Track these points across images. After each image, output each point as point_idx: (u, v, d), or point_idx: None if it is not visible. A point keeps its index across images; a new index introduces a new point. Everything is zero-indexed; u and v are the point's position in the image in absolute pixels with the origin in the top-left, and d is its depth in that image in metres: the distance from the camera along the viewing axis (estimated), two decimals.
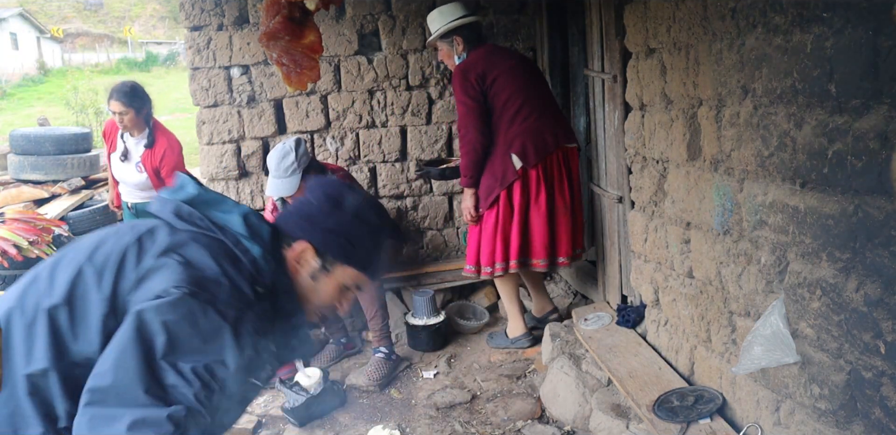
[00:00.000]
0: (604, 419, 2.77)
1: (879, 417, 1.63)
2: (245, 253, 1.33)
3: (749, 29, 2.02)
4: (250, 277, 1.31)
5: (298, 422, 3.17)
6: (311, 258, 1.40)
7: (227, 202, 1.43)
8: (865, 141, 1.57)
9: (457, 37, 3.49)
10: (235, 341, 1.22)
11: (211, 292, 1.23)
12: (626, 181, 3.20)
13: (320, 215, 1.42)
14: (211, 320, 1.21)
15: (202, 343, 1.19)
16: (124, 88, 3.95)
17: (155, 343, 1.16)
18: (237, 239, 1.34)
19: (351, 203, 1.42)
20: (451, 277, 4.27)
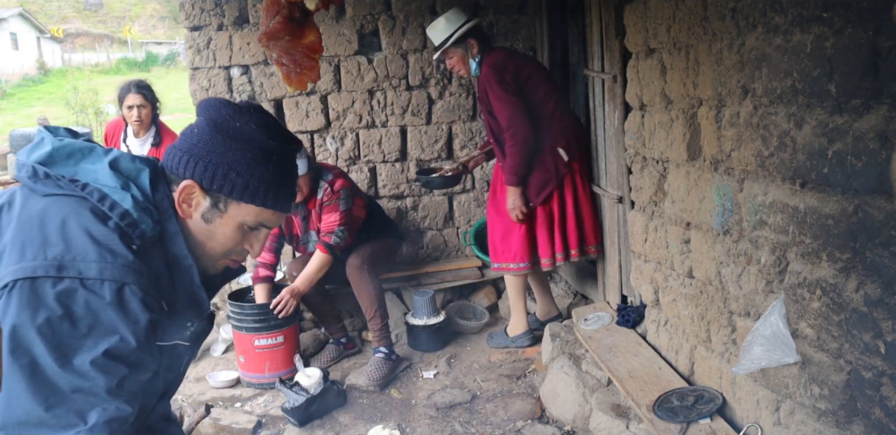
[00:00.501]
0: (604, 419, 2.77)
1: (879, 417, 1.63)
2: (113, 207, 1.17)
3: (749, 29, 2.02)
4: (122, 234, 1.15)
5: (298, 422, 3.17)
6: (200, 198, 1.24)
7: (95, 150, 1.25)
8: (865, 141, 1.57)
9: (471, 40, 3.50)
10: (122, 313, 1.10)
11: (76, 269, 1.08)
12: (626, 181, 3.20)
13: (202, 145, 1.23)
14: (85, 303, 1.07)
15: (88, 330, 1.07)
16: (142, 83, 4.06)
17: (36, 356, 1.04)
18: (103, 194, 1.18)
19: (239, 127, 1.23)
20: (451, 277, 4.27)
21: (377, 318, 3.65)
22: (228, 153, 1.22)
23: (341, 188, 3.64)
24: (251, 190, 1.23)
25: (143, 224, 1.18)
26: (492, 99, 3.45)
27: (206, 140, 1.23)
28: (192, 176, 1.23)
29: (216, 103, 1.27)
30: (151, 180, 1.24)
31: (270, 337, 3.53)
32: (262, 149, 1.24)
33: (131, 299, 1.11)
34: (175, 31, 32.57)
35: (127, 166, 1.24)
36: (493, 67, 3.45)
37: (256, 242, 1.31)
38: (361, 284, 3.62)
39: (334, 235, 3.58)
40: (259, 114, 1.26)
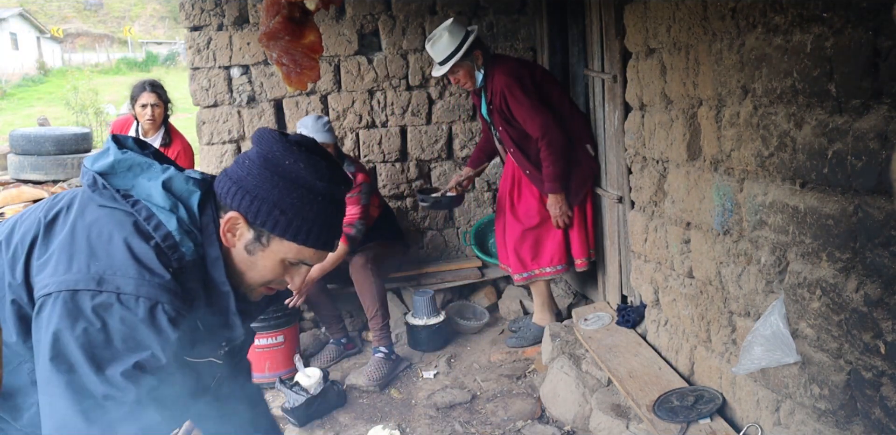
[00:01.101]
0: (604, 419, 2.77)
1: (879, 417, 1.63)
2: (157, 228, 1.21)
3: (749, 29, 2.02)
4: (162, 254, 1.20)
5: (298, 422, 3.17)
6: (244, 230, 1.26)
7: (153, 167, 1.28)
8: (865, 141, 1.57)
9: (477, 51, 3.49)
10: (154, 329, 1.15)
11: (115, 284, 1.14)
12: (626, 181, 3.20)
13: (251, 180, 1.25)
14: (121, 317, 1.13)
15: (122, 343, 1.14)
16: (156, 82, 4.11)
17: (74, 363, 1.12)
18: (151, 213, 1.22)
19: (289, 166, 1.24)
20: (452, 277, 4.27)
21: (378, 317, 3.65)
22: (275, 190, 1.23)
23: (363, 182, 3.71)
24: (294, 229, 1.25)
25: (184, 247, 1.22)
26: (515, 109, 3.43)
27: (256, 175, 1.25)
28: (238, 208, 1.25)
29: (269, 137, 1.27)
30: (201, 203, 1.27)
31: (270, 337, 3.54)
32: (309, 189, 1.25)
33: (162, 318, 1.16)
34: (175, 31, 32.58)
35: (180, 187, 1.27)
36: (510, 76, 3.43)
37: (297, 276, 1.33)
38: (365, 282, 3.63)
39: (354, 228, 3.63)
40: (309, 153, 1.26)
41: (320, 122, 3.64)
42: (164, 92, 4.07)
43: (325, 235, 1.28)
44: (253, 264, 1.28)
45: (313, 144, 1.29)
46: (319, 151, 1.28)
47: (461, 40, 3.44)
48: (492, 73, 3.49)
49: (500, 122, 3.54)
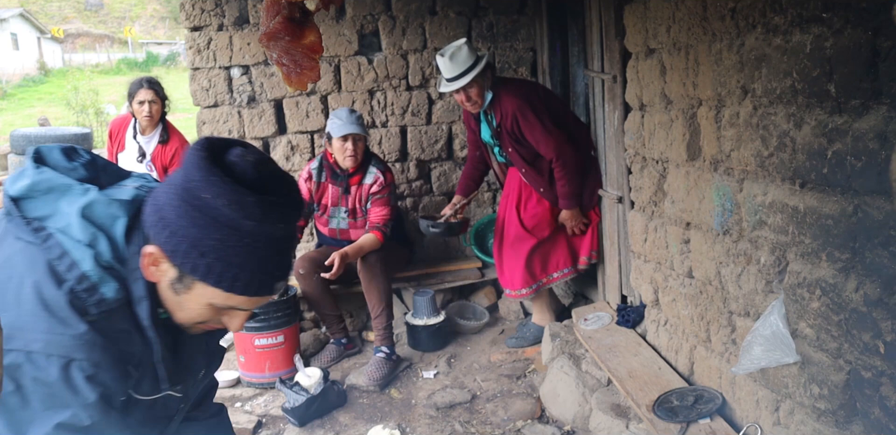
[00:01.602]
0: (604, 419, 2.77)
1: (879, 416, 1.64)
2: (71, 268, 1.05)
3: (749, 29, 2.02)
4: (76, 300, 1.04)
5: (298, 422, 3.17)
6: (167, 266, 1.08)
7: (72, 189, 1.11)
8: (865, 141, 1.57)
9: (488, 71, 3.49)
10: (70, 390, 1.03)
11: (23, 340, 1.01)
12: (625, 181, 3.20)
13: (170, 211, 1.06)
14: (33, 378, 1.02)
15: (39, 404, 1.03)
16: (153, 79, 4.11)
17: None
18: (63, 251, 1.06)
19: (208, 201, 1.02)
20: (452, 278, 4.28)
21: (382, 317, 3.66)
22: (194, 229, 1.04)
23: (392, 182, 3.80)
24: (216, 274, 1.06)
25: (104, 287, 1.07)
26: (528, 130, 3.46)
27: (175, 205, 1.05)
28: (157, 241, 1.06)
29: (192, 159, 1.04)
30: (128, 229, 1.10)
31: (271, 337, 3.54)
32: (235, 229, 1.04)
33: (77, 376, 1.04)
34: (175, 31, 32.60)
35: (101, 213, 1.10)
36: (520, 98, 3.46)
37: (234, 319, 1.15)
38: (373, 281, 3.64)
39: (386, 227, 3.72)
40: (236, 184, 1.02)
41: (354, 115, 3.67)
42: (162, 89, 4.06)
43: (257, 281, 1.08)
44: (180, 305, 1.12)
45: (250, 167, 1.05)
46: (253, 178, 1.05)
47: (477, 56, 3.45)
48: (499, 96, 3.50)
49: (509, 143, 3.57)
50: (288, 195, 1.09)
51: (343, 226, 3.85)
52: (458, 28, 4.37)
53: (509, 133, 3.52)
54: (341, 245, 3.73)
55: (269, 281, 1.10)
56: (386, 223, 3.71)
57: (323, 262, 3.57)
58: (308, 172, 3.81)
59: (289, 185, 1.10)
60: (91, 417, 1.06)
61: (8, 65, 25.10)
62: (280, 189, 1.08)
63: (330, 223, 3.87)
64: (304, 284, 3.71)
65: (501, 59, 4.46)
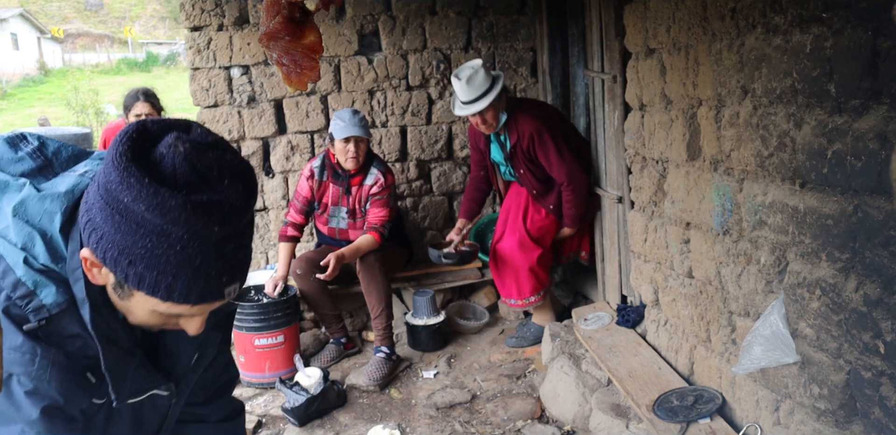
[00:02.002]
0: (604, 419, 2.77)
1: (879, 416, 1.64)
2: (5, 275, 0.98)
3: (749, 29, 2.02)
4: (12, 308, 0.97)
5: (298, 422, 3.17)
6: (105, 271, 0.98)
7: (9, 186, 1.04)
8: (865, 141, 1.57)
9: (503, 93, 3.50)
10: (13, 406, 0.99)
11: None
12: (625, 181, 3.20)
13: (96, 211, 0.94)
14: None
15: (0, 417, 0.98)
16: (149, 91, 4.07)
17: None
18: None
19: (129, 205, 0.90)
20: (452, 278, 4.27)
21: (382, 317, 3.66)
22: (118, 235, 0.92)
23: (392, 184, 3.80)
24: (149, 284, 0.94)
25: (42, 293, 0.98)
26: (542, 152, 3.51)
27: (100, 207, 0.93)
28: (89, 245, 0.96)
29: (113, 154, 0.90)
30: (65, 224, 1.01)
31: (270, 337, 3.54)
32: (159, 236, 0.91)
33: (18, 392, 0.98)
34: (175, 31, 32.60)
35: (34, 211, 1.01)
36: (538, 120, 3.50)
37: (189, 324, 1.04)
38: (372, 281, 3.64)
39: (384, 228, 3.72)
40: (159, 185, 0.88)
41: (357, 116, 3.66)
42: (158, 100, 4.05)
43: (196, 289, 0.95)
44: (128, 309, 1.02)
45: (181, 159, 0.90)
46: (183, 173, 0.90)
47: (493, 80, 3.45)
48: (514, 117, 3.52)
49: (523, 164, 3.60)
50: (230, 191, 0.93)
51: (342, 226, 3.85)
52: (458, 28, 4.37)
53: (524, 153, 3.56)
54: (340, 245, 3.74)
55: (213, 287, 0.97)
56: (384, 224, 3.72)
57: (320, 262, 3.57)
58: (310, 170, 3.81)
59: (233, 177, 0.94)
60: (38, 432, 1.00)
61: (8, 65, 25.11)
62: (218, 185, 0.92)
63: (330, 223, 3.87)
64: (302, 284, 3.71)
65: (501, 59, 4.46)
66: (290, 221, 3.85)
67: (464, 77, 3.40)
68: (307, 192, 3.81)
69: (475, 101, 3.42)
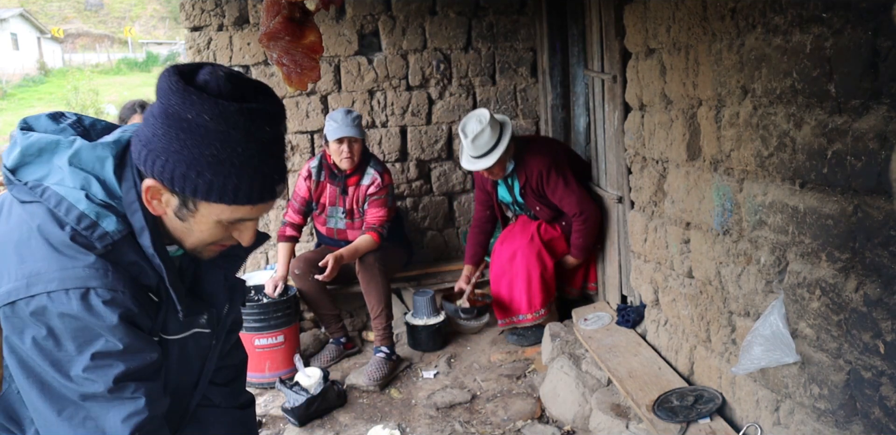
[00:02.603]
0: (604, 419, 2.77)
1: (879, 416, 1.64)
2: (68, 211, 1.11)
3: (749, 29, 2.02)
4: (79, 237, 1.11)
5: (298, 422, 3.17)
6: (168, 196, 1.13)
7: (60, 144, 1.16)
8: (865, 141, 1.57)
9: (511, 143, 3.49)
10: (95, 318, 1.09)
11: (42, 284, 1.08)
12: (625, 181, 3.20)
13: (157, 141, 1.09)
14: (59, 315, 1.08)
15: (72, 341, 1.09)
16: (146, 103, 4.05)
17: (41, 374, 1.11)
18: (59, 197, 1.12)
19: (193, 120, 1.06)
20: (452, 278, 4.27)
21: (382, 317, 3.66)
22: (185, 151, 1.07)
23: (390, 184, 3.79)
24: (217, 190, 1.10)
25: (104, 223, 1.12)
26: (550, 190, 3.53)
27: (161, 135, 1.08)
28: (153, 174, 1.11)
29: (166, 87, 1.07)
30: (117, 168, 1.16)
31: (270, 336, 3.54)
32: (224, 142, 1.07)
33: (96, 303, 1.09)
34: (175, 31, 32.60)
35: (88, 158, 1.15)
36: (547, 156, 3.54)
37: (245, 232, 1.20)
38: (372, 281, 3.64)
39: (382, 229, 3.71)
40: (216, 98, 1.06)
41: (350, 116, 3.63)
42: None
43: (256, 187, 1.12)
44: (188, 230, 1.17)
45: (223, 81, 1.08)
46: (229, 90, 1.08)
47: (500, 133, 3.44)
48: (522, 160, 3.54)
49: (536, 202, 3.61)
50: (267, 101, 1.12)
51: (340, 226, 3.85)
52: (458, 28, 4.37)
53: (534, 192, 3.58)
54: (339, 245, 3.74)
55: (270, 185, 1.14)
56: (382, 224, 3.71)
57: (318, 262, 3.57)
58: (308, 171, 3.81)
59: (265, 91, 1.14)
60: (121, 339, 1.11)
61: (8, 65, 25.11)
62: (258, 96, 1.11)
63: (328, 223, 3.87)
64: (300, 284, 3.71)
65: (501, 59, 4.46)
66: (288, 221, 3.85)
67: (471, 134, 3.39)
68: (305, 192, 3.81)
69: (483, 156, 3.44)
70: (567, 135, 4.33)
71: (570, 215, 3.54)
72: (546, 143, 3.80)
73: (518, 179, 3.59)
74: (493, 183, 3.72)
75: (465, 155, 3.50)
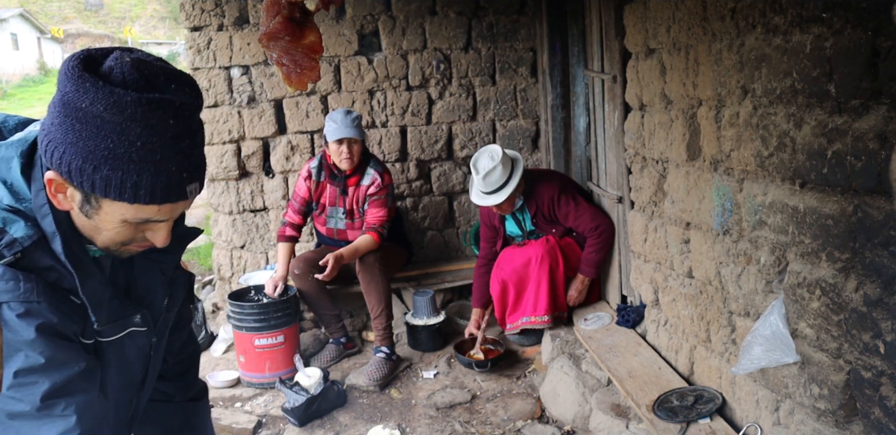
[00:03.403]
0: (604, 419, 2.77)
1: (879, 416, 1.64)
2: None
3: (749, 29, 2.02)
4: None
5: (298, 422, 3.17)
6: (72, 190, 1.04)
7: None
8: (865, 141, 1.57)
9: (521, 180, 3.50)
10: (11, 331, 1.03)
11: None
12: (625, 181, 3.20)
13: (55, 130, 1.00)
14: None
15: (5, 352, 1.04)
16: None
17: None
18: None
19: (88, 109, 0.96)
20: (451, 278, 4.27)
21: (382, 317, 3.66)
22: (80, 143, 0.98)
23: (390, 184, 3.80)
24: (115, 186, 1.00)
25: (12, 228, 1.05)
26: (562, 214, 3.54)
27: (58, 124, 1.00)
28: (52, 166, 1.02)
29: (63, 72, 0.99)
30: (24, 168, 1.08)
31: (270, 337, 3.54)
32: (119, 134, 0.97)
33: (11, 317, 1.03)
34: (175, 31, 32.59)
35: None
36: (554, 181, 3.61)
37: (157, 233, 1.11)
38: (372, 281, 3.64)
39: (383, 229, 3.72)
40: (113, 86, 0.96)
41: (350, 117, 3.64)
42: None
43: (160, 186, 1.02)
44: (96, 228, 1.08)
45: (128, 67, 0.99)
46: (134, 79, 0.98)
47: (511, 170, 3.45)
48: (532, 190, 3.56)
49: (547, 228, 3.62)
50: (177, 91, 1.01)
51: (340, 226, 3.85)
52: (458, 28, 4.37)
53: (546, 219, 3.59)
54: (339, 245, 3.74)
55: (176, 184, 1.04)
56: (383, 225, 3.71)
57: (318, 262, 3.57)
58: (308, 171, 3.81)
59: (179, 80, 1.03)
60: (42, 353, 1.05)
61: (8, 65, 25.11)
62: (167, 85, 1.01)
63: (328, 223, 3.87)
64: (300, 283, 3.71)
65: (501, 59, 4.46)
66: (287, 221, 3.85)
67: (482, 170, 3.40)
68: (305, 192, 3.81)
69: (494, 192, 3.44)
70: (567, 135, 4.33)
71: (586, 231, 3.50)
72: (551, 172, 3.91)
73: (528, 210, 3.61)
74: (501, 217, 3.72)
75: (476, 190, 3.51)
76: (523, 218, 3.66)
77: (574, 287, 3.57)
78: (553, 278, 3.52)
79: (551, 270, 3.52)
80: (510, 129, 4.55)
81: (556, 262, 3.54)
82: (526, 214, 3.64)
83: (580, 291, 3.58)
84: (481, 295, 3.75)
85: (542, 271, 3.51)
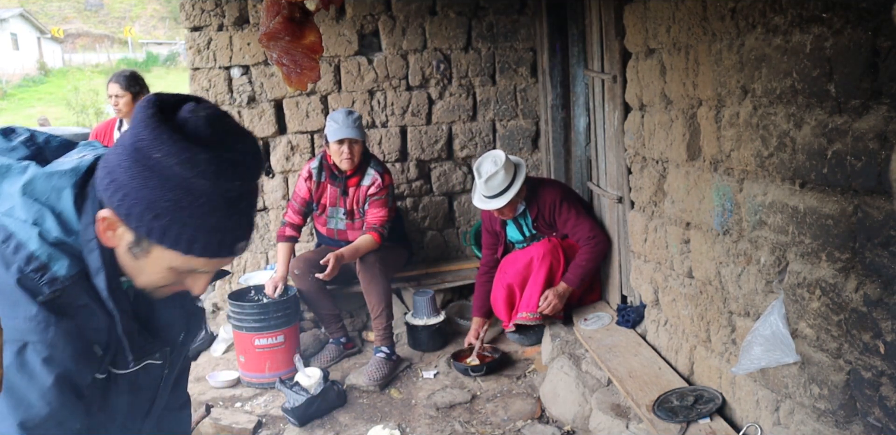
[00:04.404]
0: (604, 419, 2.77)
1: (879, 416, 1.64)
2: (17, 249, 1.02)
3: (749, 29, 2.02)
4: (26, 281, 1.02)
5: (298, 422, 3.17)
6: (123, 230, 1.04)
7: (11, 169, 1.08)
8: (865, 141, 1.57)
9: (524, 185, 3.51)
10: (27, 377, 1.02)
11: None
12: (625, 181, 3.20)
13: (121, 172, 1.01)
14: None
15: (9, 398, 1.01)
16: (124, 73, 4.20)
17: None
18: (8, 233, 1.03)
19: (159, 160, 0.97)
20: (451, 278, 4.27)
21: (382, 317, 3.66)
22: (146, 190, 0.99)
23: (390, 184, 3.80)
24: (172, 236, 1.02)
25: (55, 265, 1.03)
26: (563, 220, 3.55)
27: (126, 167, 1.00)
28: (111, 205, 1.02)
29: (140, 117, 0.99)
30: (77, 199, 1.07)
31: (270, 337, 3.54)
32: (188, 190, 0.99)
33: (34, 360, 1.01)
34: (175, 31, 32.60)
35: (42, 188, 1.06)
36: (556, 188, 3.64)
37: (198, 281, 1.12)
38: (372, 281, 3.64)
39: (383, 229, 3.72)
40: (188, 142, 0.98)
41: (351, 117, 3.64)
42: (131, 81, 4.02)
43: (214, 242, 1.04)
44: (140, 270, 1.09)
45: (203, 124, 1.00)
46: (207, 134, 0.99)
47: (514, 175, 3.47)
48: (535, 194, 3.58)
49: (548, 232, 3.63)
50: (245, 152, 1.03)
51: (341, 226, 3.86)
52: (458, 28, 4.37)
53: (546, 223, 3.60)
54: (339, 246, 3.74)
55: (229, 241, 1.06)
56: (383, 225, 3.71)
57: (318, 262, 3.57)
58: (308, 172, 3.81)
59: (246, 141, 1.06)
60: (49, 403, 1.03)
61: (8, 65, 25.12)
62: (236, 145, 1.03)
63: (328, 223, 3.87)
64: (301, 284, 3.71)
65: (501, 59, 4.46)
66: (287, 221, 3.85)
67: (485, 174, 3.41)
68: (305, 193, 3.81)
69: (495, 196, 3.46)
70: (567, 135, 4.33)
71: (582, 239, 3.50)
72: (554, 181, 3.93)
73: (530, 214, 3.62)
74: (502, 223, 3.72)
75: (478, 194, 3.52)
76: (525, 223, 3.67)
77: (550, 296, 3.43)
78: (551, 276, 3.52)
79: (551, 268, 3.51)
80: (510, 129, 4.55)
81: (557, 260, 3.53)
82: (527, 219, 3.64)
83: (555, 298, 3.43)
84: (482, 304, 3.74)
85: (542, 269, 3.51)
